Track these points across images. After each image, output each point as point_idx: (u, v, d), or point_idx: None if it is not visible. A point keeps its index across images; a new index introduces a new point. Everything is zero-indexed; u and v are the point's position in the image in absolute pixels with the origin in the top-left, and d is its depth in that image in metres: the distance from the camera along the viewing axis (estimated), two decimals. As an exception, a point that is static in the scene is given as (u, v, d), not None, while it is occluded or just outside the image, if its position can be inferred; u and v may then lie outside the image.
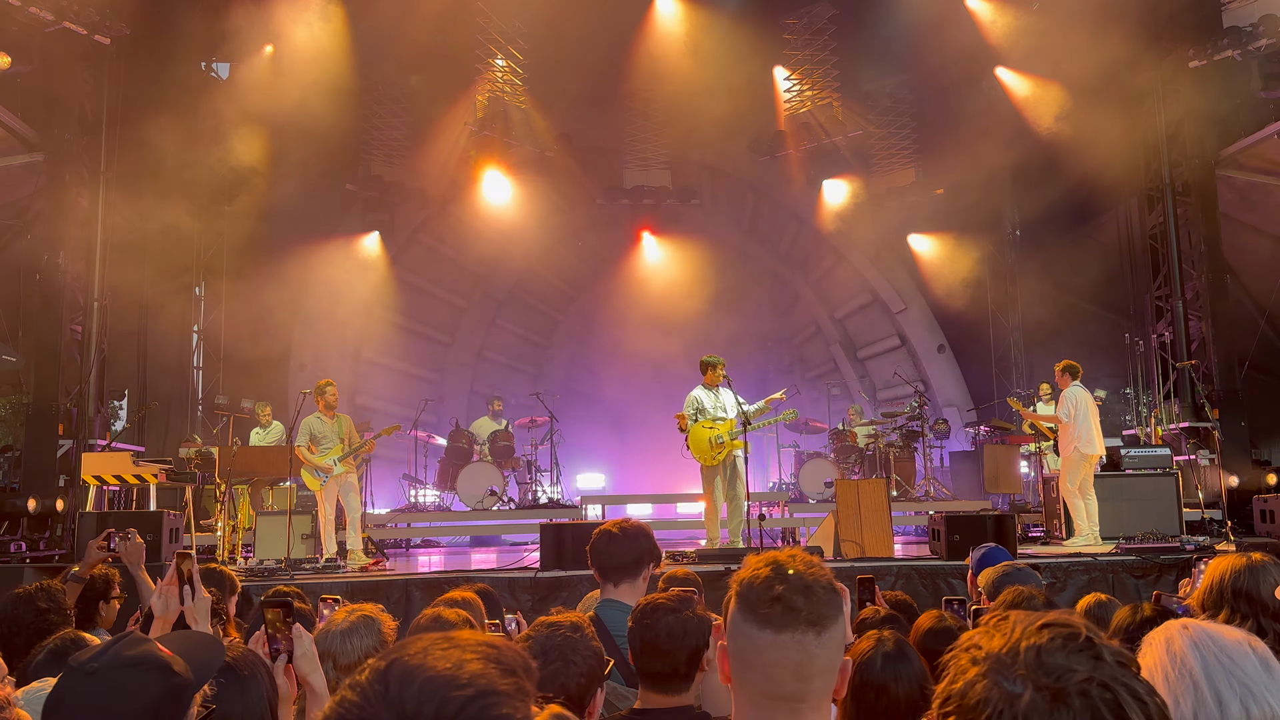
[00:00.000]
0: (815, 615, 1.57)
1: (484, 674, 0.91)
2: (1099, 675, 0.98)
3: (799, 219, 17.30)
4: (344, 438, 9.38)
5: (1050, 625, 1.04)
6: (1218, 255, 12.32)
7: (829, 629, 1.58)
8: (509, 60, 15.24)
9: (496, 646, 0.96)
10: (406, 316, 16.27)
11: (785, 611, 1.56)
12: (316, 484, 9.33)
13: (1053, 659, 1.00)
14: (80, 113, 11.44)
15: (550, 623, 2.42)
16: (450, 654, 0.92)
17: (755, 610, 1.58)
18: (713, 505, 9.12)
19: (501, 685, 0.91)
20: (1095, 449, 9.56)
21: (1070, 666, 0.99)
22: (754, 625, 1.58)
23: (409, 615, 7.22)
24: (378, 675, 0.91)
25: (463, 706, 0.88)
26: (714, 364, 9.16)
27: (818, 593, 1.59)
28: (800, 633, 1.55)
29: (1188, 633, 1.70)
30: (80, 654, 1.53)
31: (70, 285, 11.20)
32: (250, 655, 2.08)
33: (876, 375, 17.20)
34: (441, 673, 0.90)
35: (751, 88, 14.75)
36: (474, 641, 0.96)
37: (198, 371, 14.41)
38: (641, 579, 3.44)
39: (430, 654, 0.92)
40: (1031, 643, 1.01)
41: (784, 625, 1.56)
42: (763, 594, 1.58)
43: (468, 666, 0.91)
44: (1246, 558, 2.72)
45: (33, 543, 9.98)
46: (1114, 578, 7.92)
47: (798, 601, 1.56)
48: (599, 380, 15.62)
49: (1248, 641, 1.69)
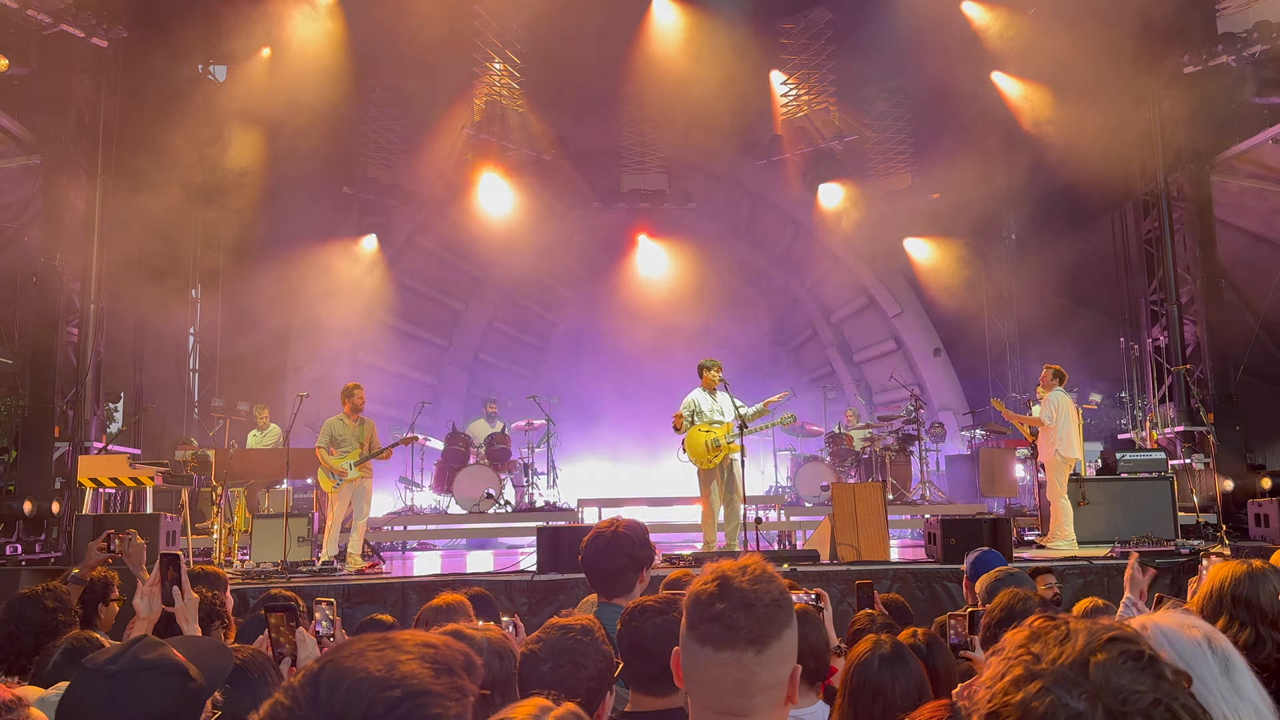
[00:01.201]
0: (756, 634, 1.55)
1: (416, 675, 0.90)
2: (1163, 695, 0.98)
3: (795, 222, 17.32)
4: (364, 442, 9.37)
5: (1115, 641, 1.02)
6: (1212, 260, 12.36)
7: (770, 646, 1.56)
8: (506, 64, 15.24)
9: (435, 646, 0.95)
10: (403, 319, 16.27)
11: (725, 630, 1.55)
12: (330, 484, 9.32)
13: (1120, 679, 0.99)
14: (77, 115, 11.43)
15: (561, 625, 2.42)
16: (384, 655, 0.91)
17: (697, 627, 1.57)
18: (709, 509, 9.14)
19: (434, 686, 0.90)
20: (1074, 453, 9.66)
21: (1136, 688, 0.98)
22: (696, 641, 1.57)
23: (406, 618, 7.23)
24: (309, 678, 0.90)
25: (391, 708, 0.87)
26: (711, 367, 9.19)
27: (759, 611, 1.56)
28: (739, 651, 1.54)
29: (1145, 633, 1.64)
30: (96, 655, 1.53)
31: (67, 287, 11.19)
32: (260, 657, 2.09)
33: (872, 378, 17.22)
34: (372, 674, 0.89)
35: (748, 92, 14.77)
36: (412, 642, 0.94)
37: (194, 374, 14.39)
38: (639, 583, 3.42)
39: (364, 656, 0.91)
40: (1100, 659, 1.00)
41: (724, 643, 1.54)
42: (705, 611, 1.57)
43: (400, 668, 0.90)
44: (1247, 565, 2.70)
45: (28, 545, 9.95)
46: (1109, 581, 7.94)
47: (738, 620, 1.55)
48: (595, 383, 15.62)
49: (1207, 641, 1.64)
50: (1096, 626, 1.04)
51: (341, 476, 9.22)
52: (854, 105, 16.00)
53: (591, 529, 3.48)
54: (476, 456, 13.33)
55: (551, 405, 13.97)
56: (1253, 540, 9.79)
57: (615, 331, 15.80)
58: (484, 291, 17.02)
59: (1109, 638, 1.02)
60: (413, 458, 13.63)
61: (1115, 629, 1.04)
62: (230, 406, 13.03)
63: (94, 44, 11.36)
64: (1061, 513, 9.59)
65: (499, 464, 13.19)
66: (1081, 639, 1.02)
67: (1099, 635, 1.02)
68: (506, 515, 12.77)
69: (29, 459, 10.63)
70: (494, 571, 8.86)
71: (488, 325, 17.22)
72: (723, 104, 14.25)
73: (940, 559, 8.22)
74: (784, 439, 14.39)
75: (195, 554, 9.49)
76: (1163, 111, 12.77)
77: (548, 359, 17.24)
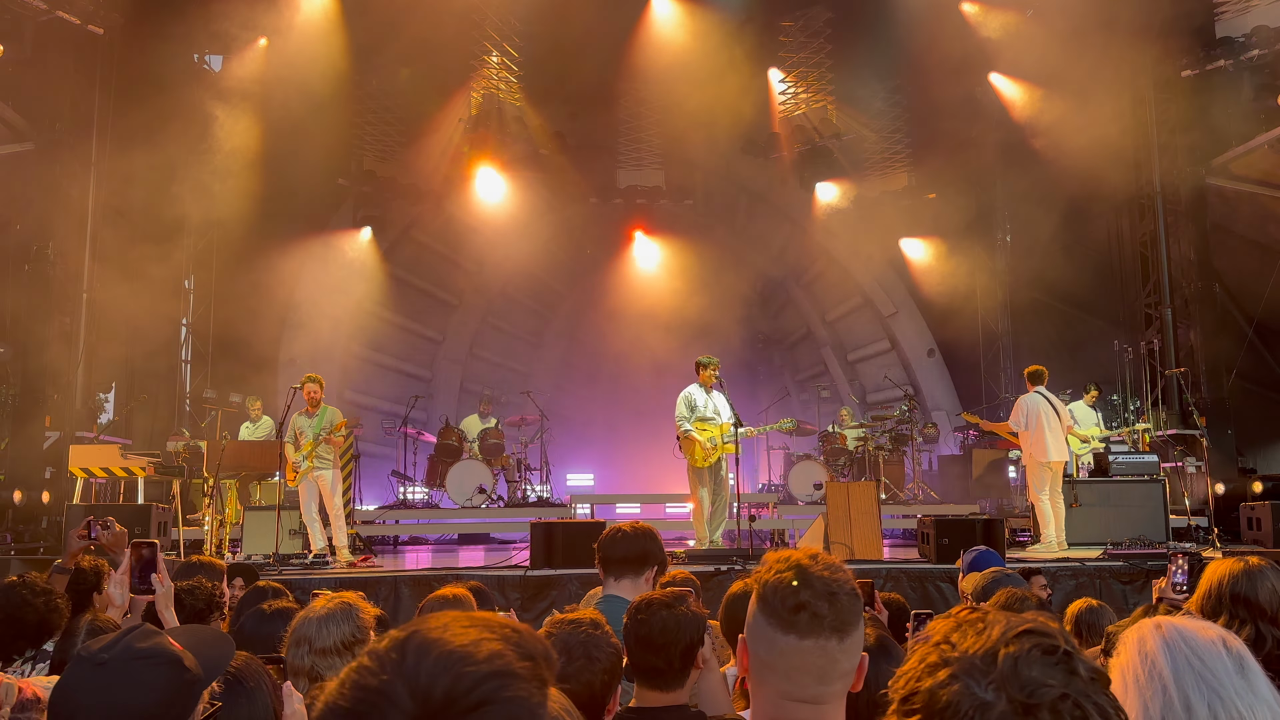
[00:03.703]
0: (839, 622, 1.56)
1: (502, 654, 0.91)
2: (1072, 691, 0.97)
3: (792, 221, 17.32)
4: (319, 432, 9.17)
5: (1029, 634, 1.01)
6: (1207, 264, 12.40)
7: (851, 634, 1.58)
8: (503, 57, 15.20)
9: (519, 631, 0.96)
10: (397, 313, 16.23)
11: (811, 619, 1.55)
12: (291, 478, 9.28)
13: (1030, 671, 0.98)
14: (72, 103, 11.37)
15: (571, 620, 2.43)
16: (469, 632, 0.92)
17: (779, 615, 1.57)
18: (700, 506, 9.14)
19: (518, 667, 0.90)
20: (1049, 455, 9.35)
21: (1046, 681, 0.97)
22: (777, 630, 1.57)
23: (398, 611, 7.21)
24: (396, 645, 0.91)
25: (477, 683, 0.87)
26: (708, 364, 9.18)
27: (842, 600, 1.58)
28: (824, 639, 1.55)
29: (1160, 632, 1.66)
30: (90, 644, 1.51)
31: (59, 276, 11.12)
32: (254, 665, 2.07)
33: (866, 378, 17.24)
34: (459, 648, 0.90)
35: (746, 89, 14.74)
36: (496, 623, 0.95)
37: (186, 365, 14.32)
38: (644, 579, 3.45)
39: (450, 629, 0.92)
40: (1010, 651, 0.99)
41: (809, 632, 1.55)
42: (787, 599, 1.57)
43: (486, 645, 0.91)
44: (1244, 562, 2.69)
45: (18, 535, 9.91)
46: (1101, 583, 7.97)
47: (822, 609, 1.56)
48: (589, 379, 15.61)
49: (1222, 640, 1.65)
50: (1015, 620, 1.03)
51: (295, 469, 9.16)
52: (852, 104, 16.00)
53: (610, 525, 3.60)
54: (469, 451, 13.30)
55: (545, 400, 13.95)
56: (1244, 544, 9.82)
57: (610, 327, 15.78)
58: (479, 286, 16.99)
59: (1023, 630, 1.01)
60: (405, 452, 13.60)
61: (1033, 622, 1.03)
62: (222, 398, 12.98)
63: (89, 31, 11.30)
64: (1041, 515, 9.48)
65: (492, 459, 13.16)
66: (997, 630, 1.02)
67: (1015, 628, 1.02)
68: (499, 510, 12.75)
69: (19, 448, 10.58)
70: (486, 566, 8.84)
71: (482, 320, 17.19)
72: (721, 101, 14.22)
73: (933, 559, 8.24)
74: (777, 438, 14.39)
75: (186, 545, 9.44)
76: (1159, 115, 12.80)
77: (542, 354, 17.21)
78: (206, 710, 1.60)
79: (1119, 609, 5.15)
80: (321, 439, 9.12)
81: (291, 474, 9.28)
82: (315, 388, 9.22)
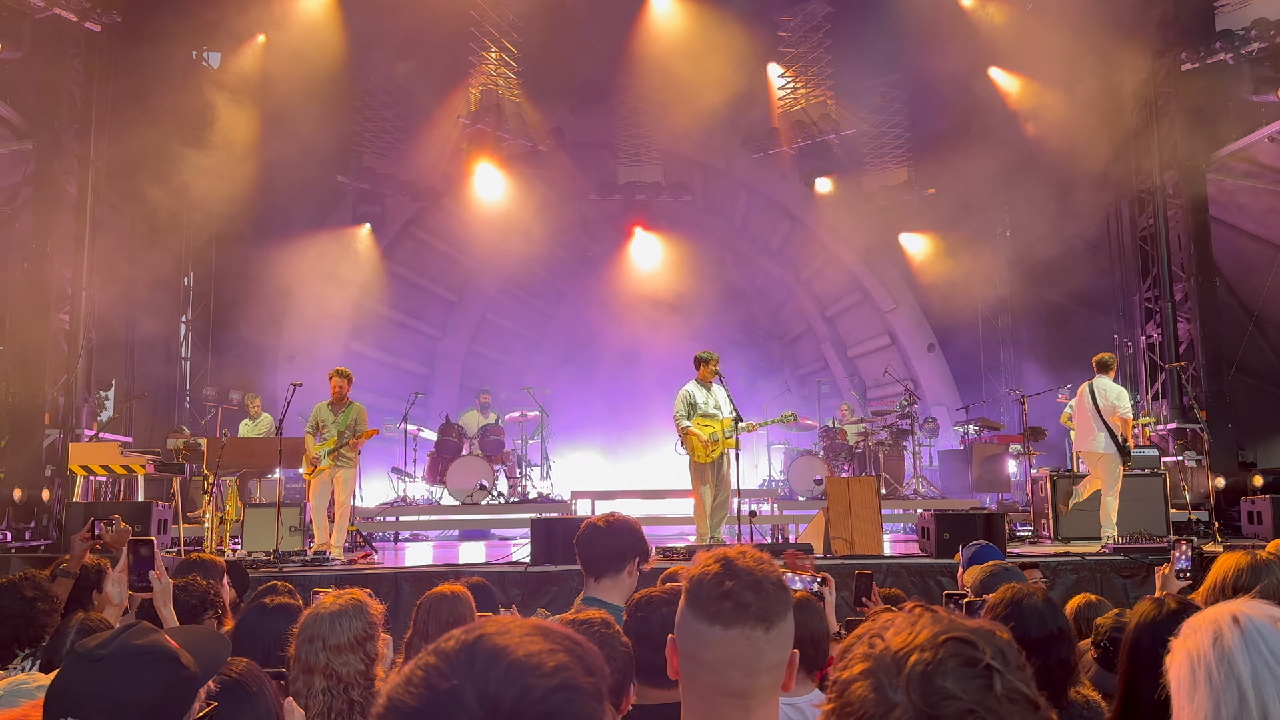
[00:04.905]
0: (764, 611, 1.56)
1: (568, 667, 0.91)
2: (981, 707, 0.93)
3: (791, 216, 17.31)
4: (343, 430, 9.16)
5: (955, 642, 0.98)
6: (1207, 258, 12.37)
7: (777, 625, 1.58)
8: (502, 53, 15.17)
9: (579, 643, 0.96)
10: (397, 309, 16.22)
11: (735, 607, 1.56)
12: (307, 471, 9.25)
13: (941, 681, 0.95)
14: (70, 100, 11.34)
15: (583, 620, 2.44)
16: (535, 641, 0.92)
17: (705, 606, 1.58)
18: (702, 501, 9.14)
19: (583, 681, 0.91)
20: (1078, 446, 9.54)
21: (955, 693, 0.94)
22: (703, 621, 1.57)
23: (398, 608, 7.20)
24: (464, 648, 0.91)
25: (545, 695, 0.87)
26: (708, 360, 9.16)
27: (767, 589, 1.58)
28: (749, 628, 1.55)
29: (1238, 628, 1.56)
30: (87, 640, 1.50)
31: (58, 274, 11.11)
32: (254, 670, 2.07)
33: (866, 373, 17.22)
34: (527, 658, 0.90)
35: (746, 84, 14.72)
36: (557, 633, 0.96)
37: (186, 362, 14.33)
38: (626, 574, 3.42)
39: (515, 636, 0.92)
40: (925, 657, 0.96)
41: (733, 621, 1.55)
42: (712, 590, 1.58)
43: (552, 657, 0.91)
44: (1251, 555, 2.68)
45: (18, 533, 9.91)
46: (1102, 577, 7.96)
47: (747, 597, 1.56)
48: (589, 375, 15.59)
49: None
50: (952, 625, 1.00)
51: (314, 464, 9.12)
52: (851, 99, 15.96)
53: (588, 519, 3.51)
54: (469, 447, 13.30)
55: (545, 397, 13.94)
56: (1245, 538, 9.82)
57: (609, 323, 15.77)
58: (478, 282, 16.97)
59: (950, 638, 0.98)
60: (406, 449, 13.59)
61: (963, 631, 0.99)
62: (222, 395, 12.98)
63: (87, 28, 11.28)
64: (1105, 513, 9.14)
65: (492, 455, 13.16)
66: (924, 634, 0.99)
67: (942, 633, 0.99)
68: (499, 506, 12.74)
69: (19, 446, 10.57)
70: (487, 563, 8.84)
71: (481, 316, 17.18)
72: (720, 96, 14.20)
73: (934, 553, 8.23)
74: (778, 433, 14.38)
75: (186, 543, 9.43)
76: (1159, 108, 12.77)
77: (541, 350, 17.19)
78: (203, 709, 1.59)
79: (1119, 604, 5.14)
80: (347, 440, 9.13)
81: (310, 467, 9.23)
82: (343, 382, 9.25)
